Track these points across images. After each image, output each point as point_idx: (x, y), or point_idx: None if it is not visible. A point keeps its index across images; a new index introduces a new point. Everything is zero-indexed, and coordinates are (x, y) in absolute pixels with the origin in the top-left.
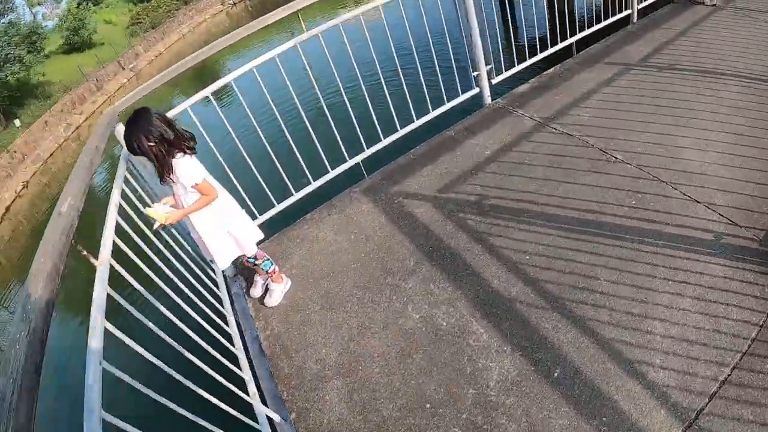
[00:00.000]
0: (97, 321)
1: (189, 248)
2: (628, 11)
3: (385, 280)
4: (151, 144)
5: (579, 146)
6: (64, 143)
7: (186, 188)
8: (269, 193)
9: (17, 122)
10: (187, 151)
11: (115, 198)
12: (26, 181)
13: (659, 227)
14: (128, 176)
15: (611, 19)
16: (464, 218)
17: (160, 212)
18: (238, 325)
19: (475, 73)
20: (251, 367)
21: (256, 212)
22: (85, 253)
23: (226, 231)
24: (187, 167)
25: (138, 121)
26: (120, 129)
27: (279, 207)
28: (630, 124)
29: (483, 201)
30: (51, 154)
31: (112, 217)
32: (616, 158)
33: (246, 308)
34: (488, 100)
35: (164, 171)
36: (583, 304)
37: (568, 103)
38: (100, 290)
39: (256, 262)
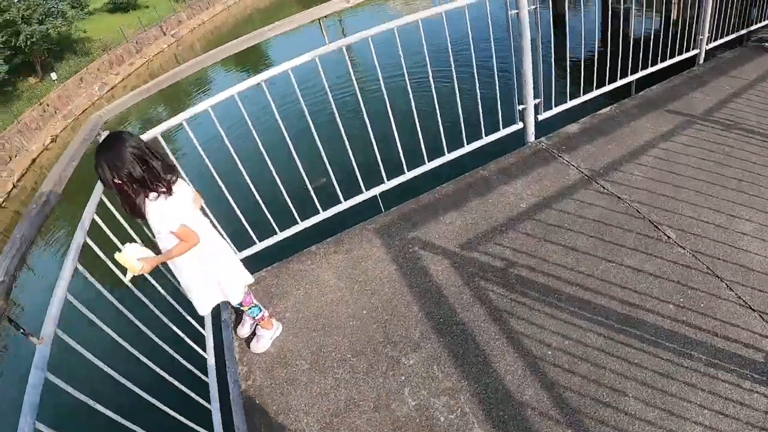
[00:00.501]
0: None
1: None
2: (695, 51)
3: (384, 349)
4: (117, 182)
5: (628, 215)
6: (96, 101)
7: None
8: (271, 220)
9: (54, 76)
10: (163, 191)
11: (77, 240)
12: (55, 135)
13: (705, 337)
14: (103, 199)
15: (676, 59)
16: (485, 288)
17: (133, 260)
18: (218, 368)
19: (521, 107)
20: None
21: (255, 238)
22: (22, 330)
23: (208, 278)
24: (160, 212)
25: (106, 151)
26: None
27: (281, 235)
28: (687, 194)
29: (510, 269)
30: (83, 111)
31: (67, 274)
32: (668, 237)
33: (231, 346)
34: (531, 137)
35: (133, 212)
36: (603, 424)
37: (621, 155)
38: (37, 379)
39: (242, 308)
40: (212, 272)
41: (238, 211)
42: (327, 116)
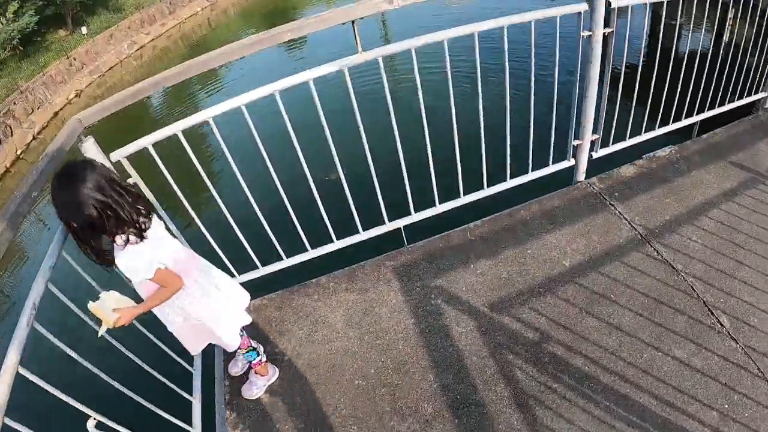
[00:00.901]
0: None
1: None
2: (761, 95)
3: (391, 422)
4: (74, 225)
5: (681, 291)
6: (125, 59)
7: None
8: (277, 244)
9: (84, 30)
10: (133, 237)
11: (38, 288)
12: (80, 90)
13: None
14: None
15: (739, 102)
16: (513, 364)
17: (107, 311)
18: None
19: (576, 142)
20: None
21: (258, 262)
22: None
23: (198, 325)
24: (130, 260)
25: (61, 189)
26: (88, 146)
27: (287, 262)
28: (747, 273)
29: (543, 344)
30: (110, 68)
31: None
32: (721, 325)
33: (221, 387)
34: (581, 176)
35: (99, 261)
36: None
37: (679, 213)
38: None
39: (239, 350)
40: (202, 318)
41: (239, 233)
42: (349, 132)
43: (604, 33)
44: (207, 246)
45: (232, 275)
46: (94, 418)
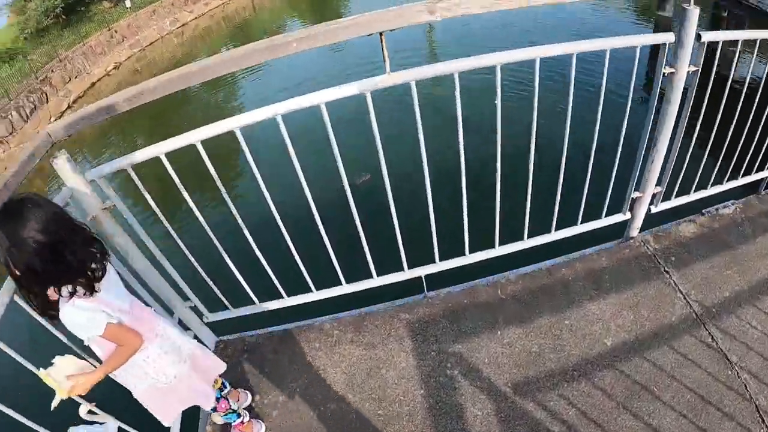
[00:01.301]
0: None
1: None
2: None
3: None
4: (16, 273)
5: (733, 390)
6: (166, 36)
7: None
8: (276, 281)
9: (128, 3)
10: (80, 285)
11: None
12: (119, 62)
13: None
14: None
15: None
16: None
17: (61, 379)
18: None
19: (636, 195)
20: None
21: (255, 297)
22: None
23: (166, 387)
24: (75, 315)
25: (1, 227)
26: (60, 163)
27: (288, 301)
28: None
29: None
30: (150, 44)
31: None
32: None
33: None
34: (635, 232)
35: (42, 313)
36: None
37: (740, 290)
38: None
39: (216, 413)
40: (170, 376)
41: (230, 264)
42: (370, 160)
43: (688, 71)
44: (198, 276)
45: (225, 308)
46: None
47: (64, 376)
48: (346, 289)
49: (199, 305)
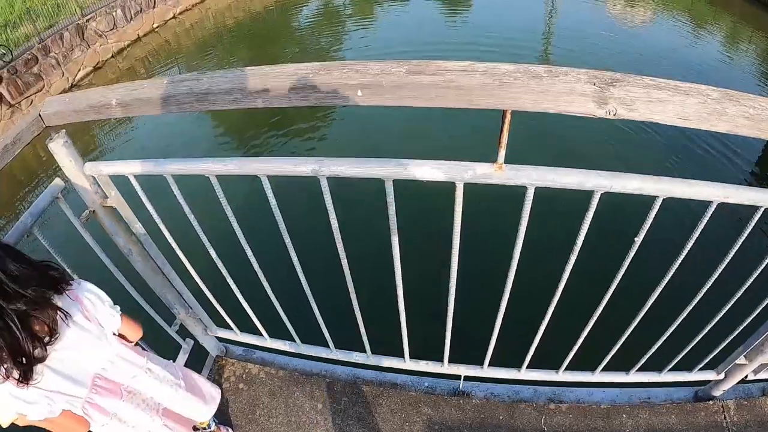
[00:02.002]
0: None
1: None
2: None
3: None
4: None
5: None
6: None
7: None
8: (288, 324)
9: None
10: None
11: None
12: None
13: None
14: None
15: None
16: None
17: None
18: None
19: (741, 361)
20: None
21: (263, 330)
22: None
23: None
24: (9, 403)
25: None
26: (56, 147)
27: (301, 348)
28: None
29: None
30: None
31: None
32: None
33: None
34: (718, 392)
35: None
36: None
37: None
38: None
39: None
40: None
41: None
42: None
43: None
44: (208, 286)
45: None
46: None
47: None
48: (372, 360)
49: (204, 318)
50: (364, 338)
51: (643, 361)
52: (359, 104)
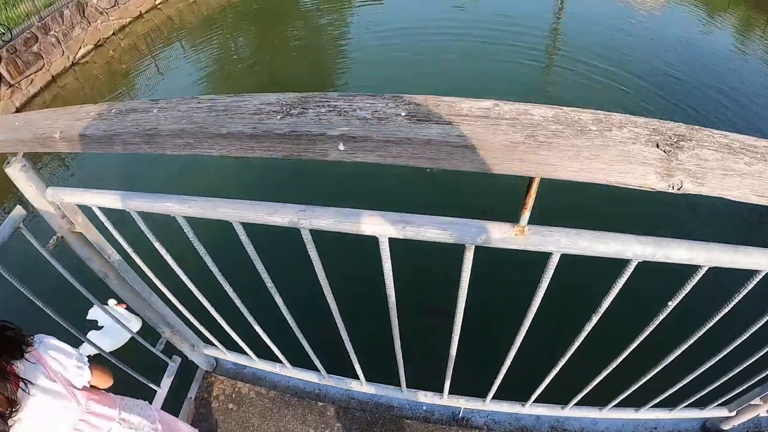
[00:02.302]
0: None
1: None
2: None
3: None
4: None
5: None
6: None
7: None
8: (274, 348)
9: None
10: None
11: None
12: None
13: None
14: None
15: None
16: None
17: None
18: None
19: (757, 401)
20: None
21: (250, 352)
22: None
23: None
24: None
25: None
26: (13, 173)
27: (291, 371)
28: None
29: None
30: None
31: None
32: None
33: None
34: (727, 426)
35: None
36: None
37: None
38: None
39: None
40: None
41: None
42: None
43: None
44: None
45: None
46: None
47: None
48: (365, 388)
49: (191, 336)
50: (357, 366)
51: (655, 401)
52: (341, 161)
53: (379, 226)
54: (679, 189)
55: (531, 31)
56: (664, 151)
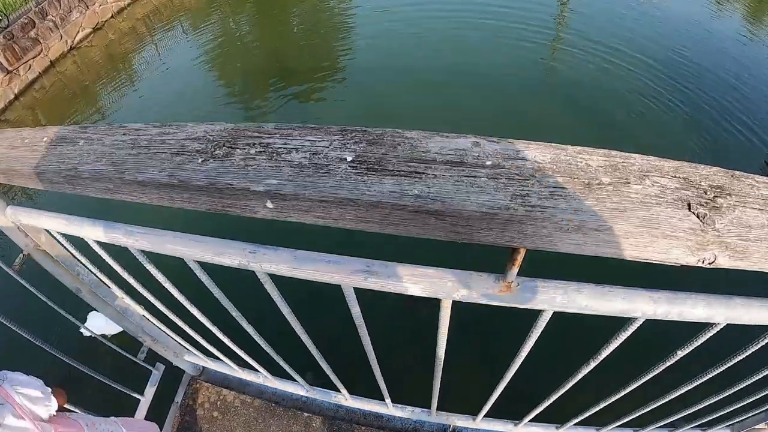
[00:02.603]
0: None
1: None
2: None
3: None
4: None
5: None
6: None
7: None
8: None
9: None
10: None
11: None
12: None
13: None
14: None
15: None
16: None
17: None
18: None
19: (760, 426)
20: None
21: (228, 362)
22: None
23: None
24: None
25: None
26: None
27: (270, 381)
28: None
29: None
30: None
31: None
32: None
33: None
34: None
35: None
36: None
37: None
38: None
39: None
40: None
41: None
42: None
43: None
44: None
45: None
46: None
47: None
48: (348, 402)
49: (173, 345)
50: (338, 383)
51: (657, 424)
52: (271, 219)
53: (340, 276)
54: (710, 264)
55: (539, 8)
56: (698, 216)
